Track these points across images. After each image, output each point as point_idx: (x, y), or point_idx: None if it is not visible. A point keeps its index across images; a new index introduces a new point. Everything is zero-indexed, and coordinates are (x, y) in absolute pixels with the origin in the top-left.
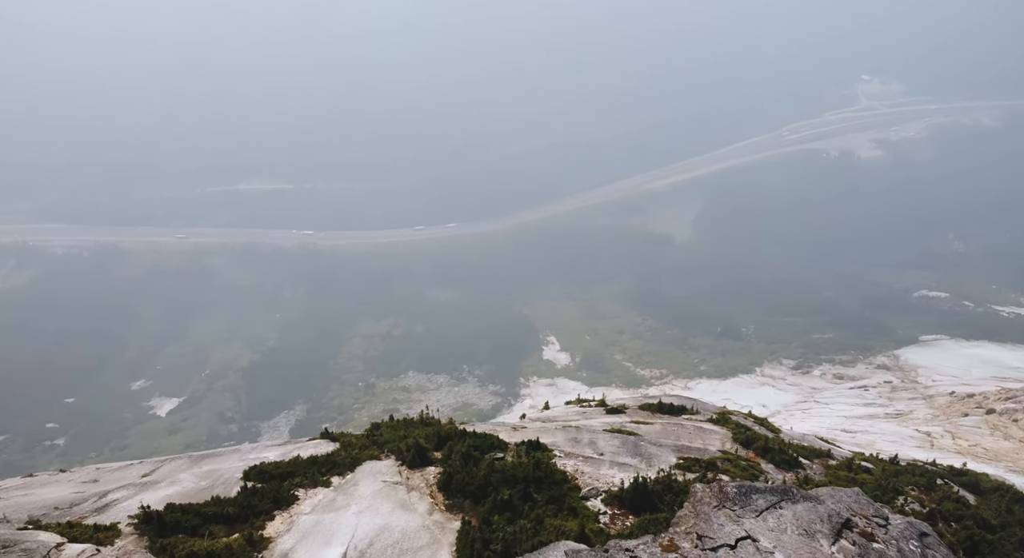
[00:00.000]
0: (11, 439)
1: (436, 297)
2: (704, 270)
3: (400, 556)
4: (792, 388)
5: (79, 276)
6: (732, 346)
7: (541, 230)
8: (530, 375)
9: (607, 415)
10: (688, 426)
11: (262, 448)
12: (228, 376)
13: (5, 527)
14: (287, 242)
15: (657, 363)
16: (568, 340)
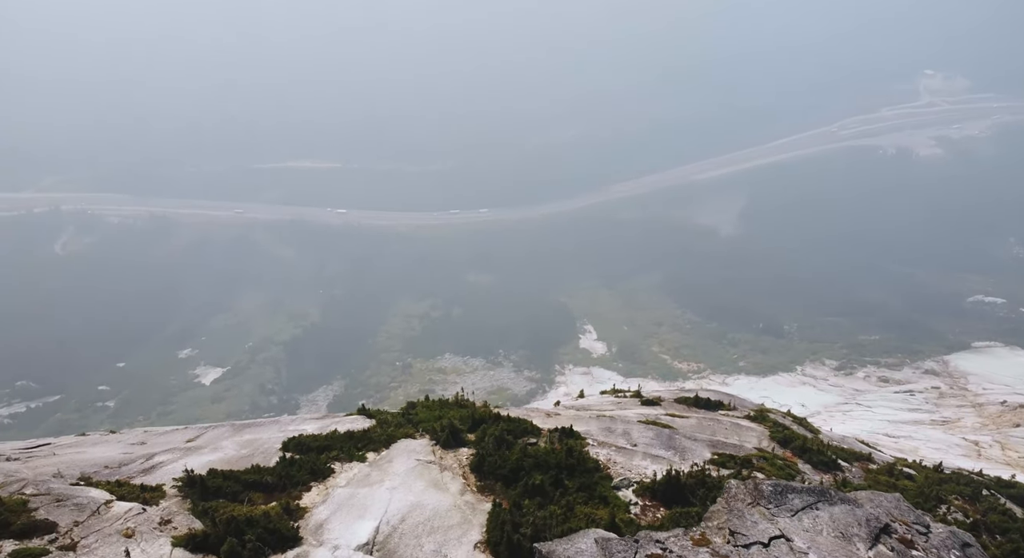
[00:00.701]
0: (66, 399)
1: (475, 281)
2: (747, 265)
3: (431, 534)
4: (833, 389)
5: (133, 245)
6: (773, 343)
7: (582, 219)
8: (566, 363)
9: (642, 406)
10: (724, 422)
11: (301, 421)
12: (270, 349)
13: (59, 482)
14: (332, 220)
15: (695, 357)
16: (605, 329)
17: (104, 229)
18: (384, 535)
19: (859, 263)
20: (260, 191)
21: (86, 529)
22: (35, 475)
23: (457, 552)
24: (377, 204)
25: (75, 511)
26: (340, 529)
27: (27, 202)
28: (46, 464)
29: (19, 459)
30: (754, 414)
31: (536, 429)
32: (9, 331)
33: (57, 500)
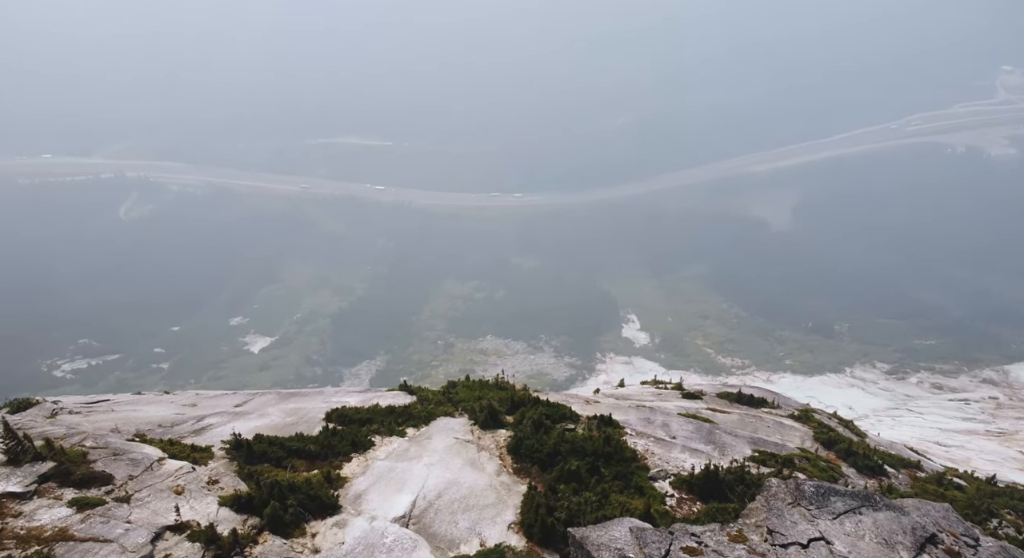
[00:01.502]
0: (124, 359)
1: (520, 264)
2: (800, 261)
3: (466, 511)
4: (883, 393)
5: (191, 213)
6: (822, 343)
7: (631, 207)
8: (607, 351)
9: (683, 399)
10: (767, 419)
11: (344, 393)
12: (317, 321)
13: (116, 437)
14: (382, 197)
15: (739, 352)
16: (649, 320)
17: (165, 197)
18: (420, 509)
19: (919, 265)
20: (313, 166)
21: (140, 483)
22: (94, 429)
23: (491, 531)
24: (426, 184)
25: (130, 466)
26: (378, 500)
27: (95, 167)
28: (104, 419)
29: (80, 413)
30: (798, 414)
31: (575, 415)
32: (74, 292)
33: (114, 454)
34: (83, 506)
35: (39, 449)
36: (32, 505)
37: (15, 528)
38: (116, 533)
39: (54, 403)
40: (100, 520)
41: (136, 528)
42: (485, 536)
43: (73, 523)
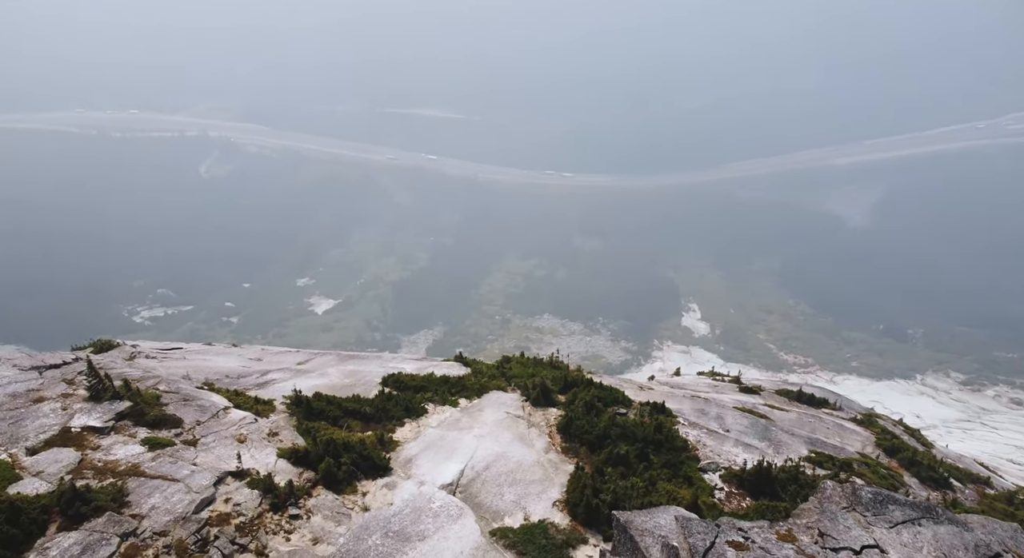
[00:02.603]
0: (197, 310)
1: (582, 245)
2: (876, 261)
3: (512, 485)
4: (956, 404)
5: (267, 175)
6: (893, 347)
7: (703, 193)
8: (665, 338)
9: (740, 393)
10: (827, 420)
11: (401, 359)
12: (379, 287)
13: (187, 384)
14: (450, 170)
15: (803, 350)
16: (711, 310)
17: (243, 157)
18: (468, 479)
19: (1009, 272)
20: (386, 135)
21: (206, 429)
22: (168, 374)
23: (536, 506)
24: (495, 159)
25: (198, 412)
26: (428, 467)
27: (181, 125)
28: (177, 366)
29: (156, 358)
30: (861, 417)
31: (627, 400)
32: (156, 243)
33: (184, 400)
34: (154, 445)
35: (118, 389)
36: (109, 440)
37: (94, 460)
38: (183, 473)
39: (133, 347)
40: (169, 460)
41: (201, 471)
42: (530, 511)
43: (145, 460)
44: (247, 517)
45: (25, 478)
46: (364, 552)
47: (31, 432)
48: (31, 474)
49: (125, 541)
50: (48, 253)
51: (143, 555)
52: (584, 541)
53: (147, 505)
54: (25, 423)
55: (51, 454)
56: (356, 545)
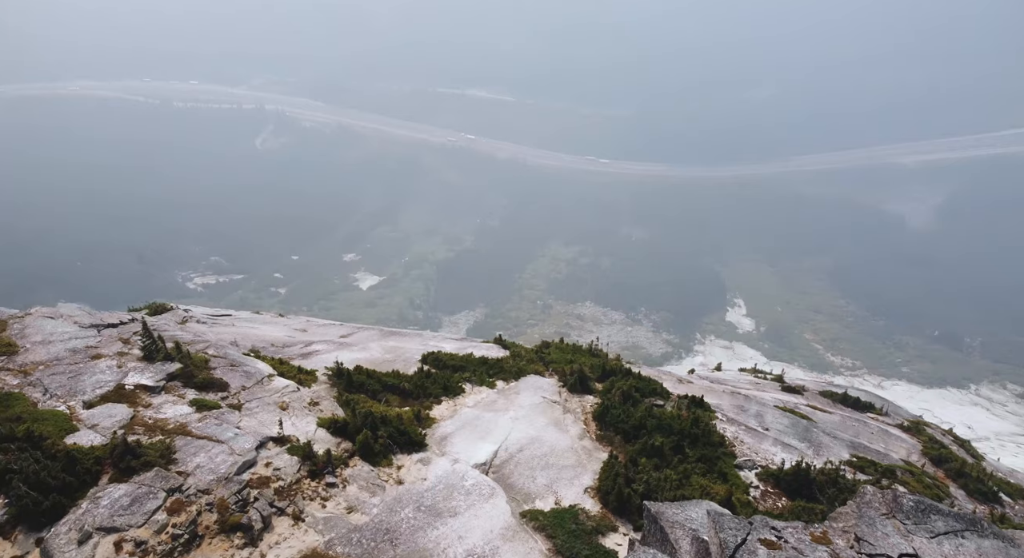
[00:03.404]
0: (247, 279)
1: (629, 234)
2: (935, 264)
3: (545, 469)
4: (1011, 417)
5: (319, 150)
6: (947, 355)
7: (760, 186)
8: (707, 333)
9: (782, 392)
10: (872, 425)
11: (441, 339)
12: (424, 267)
13: (234, 350)
14: (499, 152)
15: (851, 352)
16: (757, 307)
17: (297, 131)
18: (501, 460)
19: None
20: (437, 114)
21: (251, 394)
22: (217, 339)
23: (568, 491)
24: (546, 143)
25: (244, 377)
26: (462, 445)
27: (239, 97)
28: (225, 332)
29: (206, 323)
30: (908, 425)
31: (665, 392)
32: (211, 212)
33: (231, 365)
34: (201, 407)
35: (169, 351)
36: (160, 399)
37: (144, 417)
38: (227, 436)
39: (185, 311)
40: (215, 422)
41: (244, 434)
42: (561, 495)
43: (192, 421)
44: (286, 482)
45: (81, 430)
46: (396, 524)
47: (88, 387)
48: (87, 426)
49: (171, 496)
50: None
51: (187, 510)
52: (614, 529)
53: (192, 463)
54: (83, 378)
55: (106, 409)
56: (389, 516)
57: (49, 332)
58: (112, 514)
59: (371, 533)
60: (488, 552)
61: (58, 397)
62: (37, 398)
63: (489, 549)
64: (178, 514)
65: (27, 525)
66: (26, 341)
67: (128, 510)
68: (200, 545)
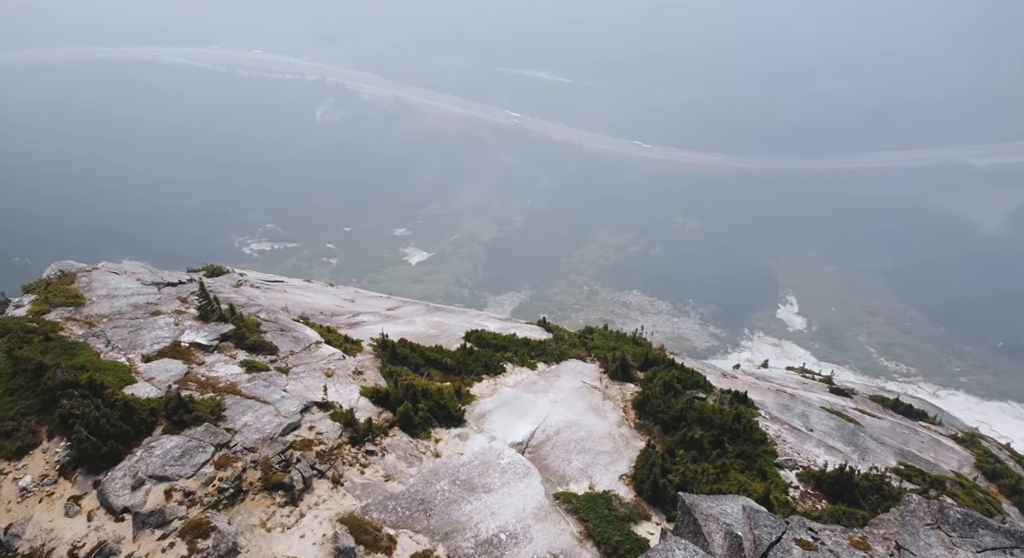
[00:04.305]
0: (301, 248)
1: (682, 224)
2: (1006, 272)
3: (581, 453)
4: None
5: (377, 124)
6: (1011, 366)
7: (823, 182)
8: (756, 329)
9: (829, 394)
10: (923, 434)
11: (485, 317)
12: (472, 245)
13: (285, 315)
14: (554, 134)
15: (907, 358)
16: (809, 305)
17: (357, 105)
18: (538, 441)
19: None
20: (495, 93)
21: (298, 359)
22: (268, 304)
23: (602, 477)
24: (602, 127)
25: (292, 343)
26: (500, 423)
27: (302, 68)
28: (277, 298)
29: (259, 288)
30: (962, 436)
31: (708, 385)
32: (270, 180)
33: (281, 329)
34: (251, 368)
35: (224, 312)
36: (212, 358)
37: (198, 374)
38: (274, 398)
39: (240, 275)
40: (263, 383)
41: (290, 397)
42: (595, 480)
43: (241, 381)
44: (327, 446)
45: (139, 382)
46: (432, 495)
47: (147, 341)
48: (144, 379)
49: (219, 451)
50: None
51: (233, 466)
52: (647, 517)
53: (240, 422)
54: (143, 333)
55: (162, 364)
56: (424, 487)
57: (113, 287)
58: (164, 464)
59: (406, 502)
60: (520, 530)
61: (119, 349)
62: (100, 349)
63: (521, 527)
64: (225, 469)
65: (86, 468)
66: (92, 294)
67: (179, 461)
68: (244, 500)
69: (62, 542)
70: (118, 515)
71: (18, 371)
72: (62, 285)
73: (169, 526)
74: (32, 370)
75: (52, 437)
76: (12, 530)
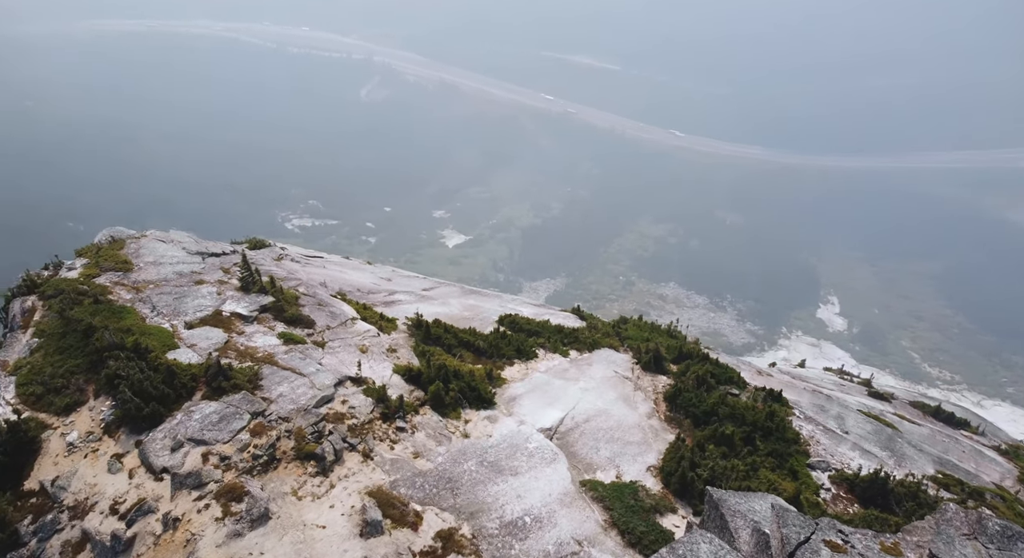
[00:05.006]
0: (341, 225)
1: (723, 218)
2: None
3: (609, 442)
4: None
5: (420, 104)
6: None
7: (873, 181)
8: (794, 328)
9: (868, 397)
10: (964, 443)
11: (520, 302)
12: (509, 230)
13: (323, 290)
14: (598, 121)
15: (951, 365)
16: (852, 306)
17: (401, 85)
18: (567, 428)
19: None
20: (539, 79)
21: (334, 334)
22: (307, 279)
23: (630, 467)
24: (645, 116)
25: (329, 318)
26: (530, 408)
27: (350, 47)
28: (316, 273)
29: (299, 262)
30: (1006, 448)
31: (742, 382)
32: (314, 157)
33: (319, 304)
34: (288, 340)
35: (264, 284)
36: (251, 328)
37: (237, 344)
38: (309, 370)
39: (282, 249)
40: (299, 356)
41: (325, 371)
42: (623, 470)
43: (279, 352)
44: (359, 421)
45: (181, 348)
46: (459, 475)
47: (190, 309)
48: (186, 345)
49: (255, 419)
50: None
51: (268, 434)
52: (672, 510)
53: (276, 392)
54: (186, 300)
55: (204, 331)
56: (452, 466)
57: (160, 254)
58: (202, 428)
59: (434, 480)
60: (545, 514)
61: (164, 315)
62: (145, 314)
63: (546, 511)
64: (260, 436)
65: (129, 427)
66: (140, 260)
67: (216, 426)
68: (277, 468)
69: (104, 497)
70: (157, 475)
71: (69, 331)
72: (112, 251)
73: (205, 488)
74: (82, 331)
75: (98, 396)
76: (59, 482)
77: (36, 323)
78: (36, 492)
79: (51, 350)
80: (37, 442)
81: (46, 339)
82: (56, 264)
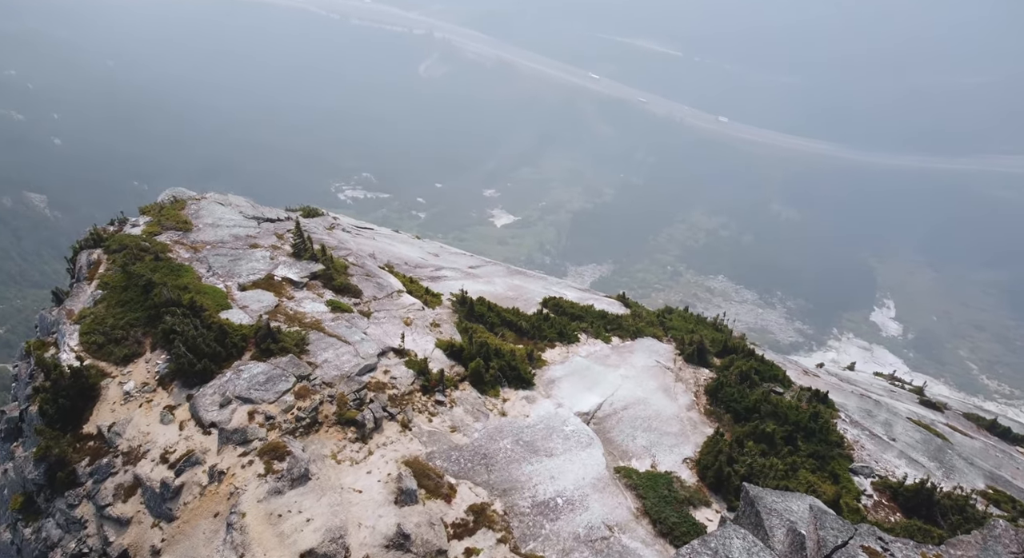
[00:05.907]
0: (392, 199)
1: (779, 212)
2: None
3: (647, 431)
4: None
5: (478, 82)
6: None
7: (942, 182)
8: (846, 329)
9: (919, 406)
10: (1019, 460)
11: (564, 286)
12: (559, 213)
13: (371, 262)
14: (656, 108)
15: (1011, 379)
16: (908, 311)
17: (460, 62)
18: (604, 414)
19: None
20: (599, 62)
21: (380, 305)
22: (357, 249)
23: (666, 458)
24: (707, 105)
25: (376, 289)
26: (568, 391)
27: (412, 22)
28: (366, 244)
29: (350, 233)
30: None
31: (787, 380)
32: (370, 129)
33: (367, 275)
34: (336, 308)
35: (315, 252)
36: (301, 294)
37: (286, 308)
38: (354, 339)
39: (334, 218)
40: (345, 324)
41: (369, 340)
42: (658, 460)
43: (326, 319)
44: (400, 391)
45: (233, 309)
46: (494, 452)
47: (244, 271)
48: (238, 306)
49: (299, 382)
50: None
51: (311, 398)
52: (707, 503)
53: (321, 357)
54: (241, 263)
55: (255, 294)
56: (488, 443)
57: (218, 216)
58: (250, 387)
59: (469, 454)
60: (577, 497)
61: (219, 276)
62: (202, 273)
63: (579, 495)
64: (304, 399)
65: (181, 381)
66: (199, 221)
67: (263, 387)
68: (318, 431)
69: (156, 446)
70: (206, 428)
71: (130, 285)
72: (174, 210)
73: (250, 445)
74: (142, 286)
75: (155, 349)
76: (115, 428)
77: (100, 275)
78: (94, 436)
79: (113, 302)
80: (96, 389)
81: (109, 291)
82: (121, 220)
